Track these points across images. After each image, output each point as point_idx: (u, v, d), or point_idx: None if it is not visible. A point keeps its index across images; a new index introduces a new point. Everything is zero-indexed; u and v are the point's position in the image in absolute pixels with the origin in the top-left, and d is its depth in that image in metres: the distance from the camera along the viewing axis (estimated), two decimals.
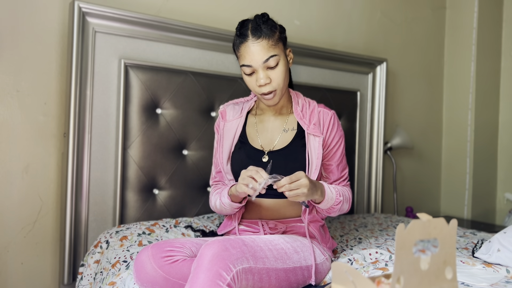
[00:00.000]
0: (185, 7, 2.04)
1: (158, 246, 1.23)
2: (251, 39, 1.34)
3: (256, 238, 1.22)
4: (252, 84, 1.39)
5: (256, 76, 1.37)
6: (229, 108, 1.56)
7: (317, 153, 1.42)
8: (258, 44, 1.34)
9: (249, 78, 1.39)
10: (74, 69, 1.68)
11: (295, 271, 1.25)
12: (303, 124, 1.45)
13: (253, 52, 1.34)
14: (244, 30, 1.36)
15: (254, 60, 1.34)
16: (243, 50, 1.36)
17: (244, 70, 1.38)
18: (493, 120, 2.98)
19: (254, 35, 1.34)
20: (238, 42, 1.38)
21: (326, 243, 1.46)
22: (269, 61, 1.34)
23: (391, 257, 1.44)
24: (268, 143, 1.47)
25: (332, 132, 1.48)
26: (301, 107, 1.50)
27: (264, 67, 1.35)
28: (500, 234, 1.43)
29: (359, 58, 2.46)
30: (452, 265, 0.80)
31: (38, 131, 1.74)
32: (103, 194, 1.78)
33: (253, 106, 1.56)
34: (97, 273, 1.53)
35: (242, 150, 1.47)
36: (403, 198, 2.85)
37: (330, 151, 1.48)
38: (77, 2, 1.67)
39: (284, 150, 1.44)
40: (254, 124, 1.52)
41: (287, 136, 1.47)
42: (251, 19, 1.39)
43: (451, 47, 3.01)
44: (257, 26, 1.35)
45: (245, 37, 1.35)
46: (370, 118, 2.54)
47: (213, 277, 1.03)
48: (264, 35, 1.34)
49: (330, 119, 1.48)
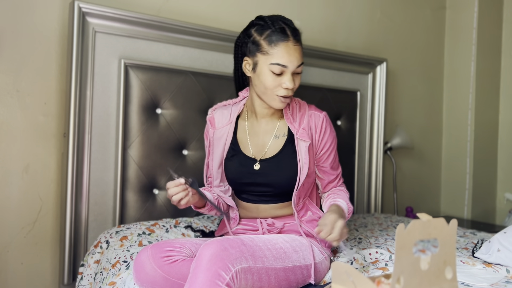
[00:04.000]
0: (185, 7, 2.04)
1: (158, 246, 1.23)
2: (292, 40, 1.32)
3: (255, 238, 1.22)
4: (274, 84, 1.35)
5: (283, 78, 1.34)
6: (217, 114, 1.53)
7: (303, 158, 1.41)
8: (298, 48, 1.33)
9: (273, 77, 1.34)
10: (74, 69, 1.68)
11: (295, 270, 1.25)
12: (293, 129, 1.44)
13: (293, 53, 1.31)
14: (282, 28, 1.32)
15: (292, 62, 1.32)
16: (282, 49, 1.31)
17: (273, 69, 1.33)
18: (493, 120, 2.98)
19: (295, 38, 1.33)
20: (276, 38, 1.32)
21: (325, 242, 1.46)
22: (300, 67, 1.35)
23: (391, 257, 1.44)
24: (260, 150, 1.46)
25: (325, 135, 1.46)
26: (291, 111, 1.48)
27: (293, 71, 1.35)
28: (500, 234, 1.43)
29: (359, 58, 2.46)
30: (452, 265, 0.80)
31: (38, 131, 1.74)
32: (103, 194, 1.78)
33: (242, 109, 1.53)
34: (97, 273, 1.53)
35: (235, 158, 1.47)
36: (403, 198, 2.85)
37: (324, 154, 1.47)
38: (77, 2, 1.67)
39: (275, 158, 1.43)
40: (245, 129, 1.50)
41: (278, 142, 1.46)
42: (283, 19, 1.37)
43: (451, 47, 3.01)
44: (295, 30, 1.34)
45: (286, 36, 1.31)
46: (370, 118, 2.54)
47: (212, 277, 1.03)
48: (300, 40, 1.35)
49: (321, 122, 1.46)
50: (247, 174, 1.44)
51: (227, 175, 1.48)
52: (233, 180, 1.47)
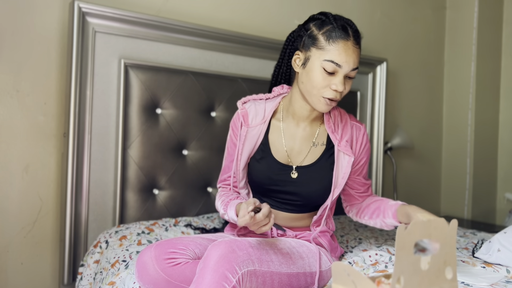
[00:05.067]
0: (185, 7, 2.04)
1: (161, 247, 1.21)
2: (353, 41, 1.25)
3: (262, 241, 1.20)
4: (323, 83, 1.25)
5: (335, 78, 1.25)
6: (250, 108, 1.39)
7: (343, 173, 1.34)
8: (357, 50, 1.26)
9: (323, 76, 1.25)
10: (74, 69, 1.68)
11: (298, 277, 1.23)
12: (334, 139, 1.35)
13: (351, 54, 1.24)
14: (344, 26, 1.25)
15: (348, 63, 1.24)
16: (341, 46, 1.23)
17: (326, 66, 1.24)
18: (493, 120, 2.98)
19: (356, 39, 1.26)
20: (336, 34, 1.24)
21: (335, 253, 1.43)
22: (354, 71, 1.27)
23: (391, 258, 1.44)
24: (295, 156, 1.36)
25: (365, 149, 1.41)
26: (333, 118, 1.38)
27: (346, 74, 1.26)
28: (500, 234, 1.43)
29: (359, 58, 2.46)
30: (452, 265, 0.80)
31: (38, 131, 1.74)
32: (103, 194, 1.78)
33: (277, 108, 1.41)
34: (97, 273, 1.53)
35: (264, 161, 1.37)
36: (403, 198, 2.85)
37: (361, 167, 1.42)
38: (77, 2, 1.67)
39: (311, 167, 1.35)
40: (279, 130, 1.38)
41: (316, 151, 1.36)
42: (342, 18, 1.30)
43: (451, 47, 3.01)
44: (357, 31, 1.27)
45: (348, 35, 1.24)
46: (370, 118, 2.54)
47: (219, 278, 1.02)
48: (360, 44, 1.28)
49: (363, 135, 1.40)
50: (279, 182, 1.35)
51: (253, 178, 1.39)
52: (260, 184, 1.38)
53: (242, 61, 2.09)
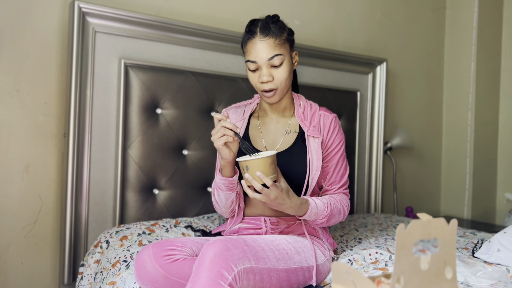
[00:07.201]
0: (185, 7, 2.04)
1: (159, 245, 1.23)
2: (259, 36, 1.37)
3: (257, 238, 1.23)
4: (254, 80, 1.41)
5: (259, 72, 1.39)
6: (231, 111, 1.58)
7: (317, 154, 1.43)
8: (265, 42, 1.36)
9: (252, 74, 1.41)
10: (74, 69, 1.68)
11: (296, 272, 1.25)
12: (304, 126, 1.47)
13: (259, 48, 1.36)
14: (253, 27, 1.39)
15: (259, 57, 1.37)
16: (249, 46, 1.38)
17: (248, 66, 1.40)
18: (493, 120, 2.98)
19: (262, 33, 1.37)
20: (246, 38, 1.41)
21: (327, 239, 1.46)
22: (273, 59, 1.36)
23: (391, 257, 1.44)
24: (271, 145, 1.50)
25: (333, 135, 1.49)
26: (302, 109, 1.51)
27: (268, 65, 1.37)
28: (500, 234, 1.43)
29: (359, 58, 2.46)
30: (452, 265, 0.80)
31: (38, 131, 1.74)
32: (103, 194, 1.78)
33: (256, 108, 1.58)
34: (97, 273, 1.54)
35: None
36: (403, 198, 2.85)
37: (329, 154, 1.48)
38: (77, 2, 1.67)
39: (286, 152, 1.45)
40: (257, 126, 1.53)
41: (289, 138, 1.49)
42: (261, 19, 1.42)
43: (451, 47, 3.01)
44: (266, 25, 1.38)
45: (253, 33, 1.38)
46: (370, 118, 2.54)
47: (215, 276, 1.03)
48: (272, 34, 1.37)
49: (330, 122, 1.50)
50: None
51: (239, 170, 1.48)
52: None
53: (242, 61, 2.09)
